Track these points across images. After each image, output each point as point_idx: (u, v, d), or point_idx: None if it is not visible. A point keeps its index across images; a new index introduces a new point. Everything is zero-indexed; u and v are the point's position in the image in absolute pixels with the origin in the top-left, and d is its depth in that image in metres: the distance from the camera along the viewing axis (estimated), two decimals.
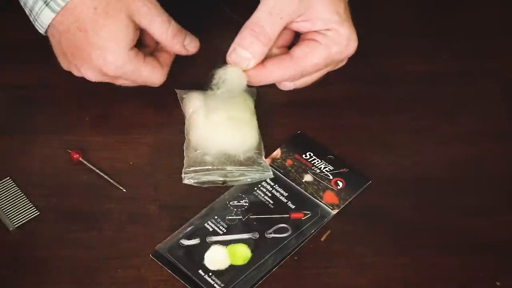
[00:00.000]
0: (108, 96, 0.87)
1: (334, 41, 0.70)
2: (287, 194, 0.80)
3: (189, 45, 0.82)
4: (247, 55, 0.70)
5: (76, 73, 0.82)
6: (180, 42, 0.81)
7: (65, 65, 0.83)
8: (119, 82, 0.82)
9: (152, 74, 0.81)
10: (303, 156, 0.83)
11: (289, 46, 0.77)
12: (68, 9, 0.76)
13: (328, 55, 0.71)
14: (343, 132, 0.86)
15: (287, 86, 0.76)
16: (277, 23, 0.69)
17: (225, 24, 0.92)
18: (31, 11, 0.78)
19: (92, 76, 0.80)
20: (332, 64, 0.74)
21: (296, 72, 0.71)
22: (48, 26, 0.79)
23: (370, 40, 0.92)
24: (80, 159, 0.81)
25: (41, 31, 0.80)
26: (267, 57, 0.72)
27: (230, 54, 0.71)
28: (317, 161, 0.83)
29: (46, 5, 0.76)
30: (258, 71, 0.71)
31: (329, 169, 0.82)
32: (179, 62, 0.86)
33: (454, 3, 1.00)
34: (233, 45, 0.71)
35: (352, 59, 0.80)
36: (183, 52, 0.82)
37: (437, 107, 0.89)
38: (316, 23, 0.70)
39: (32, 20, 0.80)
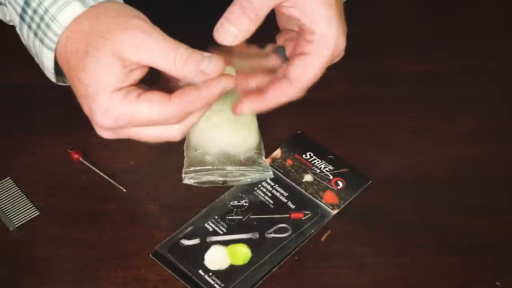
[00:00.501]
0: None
1: (322, 45, 0.69)
2: (287, 194, 0.80)
3: (208, 68, 0.65)
4: (234, 30, 0.68)
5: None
6: (194, 70, 0.65)
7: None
8: (132, 135, 0.69)
9: (151, 111, 0.65)
10: (303, 156, 0.83)
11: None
12: (59, 53, 0.68)
13: (321, 63, 0.70)
14: (343, 132, 0.86)
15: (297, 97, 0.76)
16: (265, 1, 0.68)
17: None
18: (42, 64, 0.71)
19: (100, 132, 0.69)
20: (329, 64, 0.73)
21: (297, 93, 0.71)
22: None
23: (370, 40, 0.92)
24: (80, 159, 0.81)
25: (53, 80, 0.73)
26: (267, 85, 0.72)
27: (218, 29, 0.68)
28: (317, 161, 0.83)
29: (43, 43, 0.68)
30: (258, 101, 0.71)
31: (329, 169, 0.82)
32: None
33: (454, 3, 1.00)
34: (221, 20, 0.68)
35: (352, 59, 0.80)
36: (200, 79, 0.66)
37: (437, 107, 0.89)
38: (304, 11, 0.68)
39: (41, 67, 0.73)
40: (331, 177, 0.82)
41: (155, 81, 0.68)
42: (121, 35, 0.64)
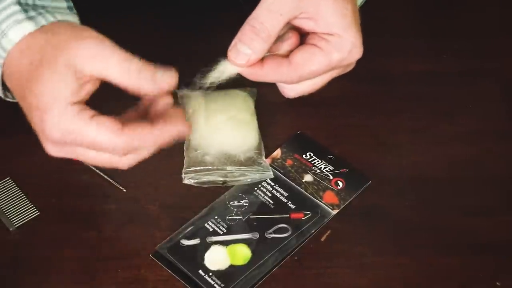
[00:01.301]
0: (108, 95, 0.87)
1: (335, 47, 0.69)
2: (287, 194, 0.80)
3: (162, 79, 0.65)
4: (247, 50, 0.68)
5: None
6: (149, 78, 0.64)
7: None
8: (78, 155, 0.67)
9: (100, 135, 0.63)
10: (303, 156, 0.83)
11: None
12: (8, 67, 0.66)
13: (328, 62, 0.70)
14: (343, 132, 0.86)
15: (288, 94, 0.75)
16: (277, 19, 0.68)
17: (225, 24, 0.92)
18: None
19: (48, 148, 0.67)
20: (337, 70, 0.73)
21: (292, 78, 0.70)
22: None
23: (370, 40, 0.92)
24: None
25: (1, 95, 0.71)
26: (267, 56, 0.72)
27: (231, 49, 0.70)
28: (317, 161, 0.83)
29: None
30: (255, 70, 0.71)
31: (329, 169, 0.82)
32: (179, 63, 0.86)
33: (454, 3, 1.00)
34: (234, 41, 0.70)
35: None
36: (155, 90, 0.65)
37: (437, 107, 0.89)
38: (319, 23, 0.69)
39: None
40: (331, 177, 0.82)
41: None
42: (76, 46, 0.63)
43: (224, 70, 0.71)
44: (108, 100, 0.67)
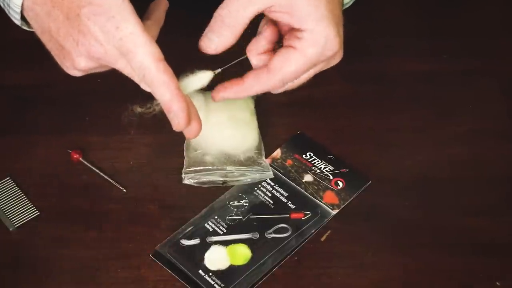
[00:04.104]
0: (108, 96, 0.87)
1: (308, 43, 0.69)
2: (287, 194, 0.80)
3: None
4: (215, 38, 0.70)
5: (72, 62, 0.69)
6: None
7: (59, 58, 0.70)
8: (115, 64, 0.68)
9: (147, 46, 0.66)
10: (303, 156, 0.83)
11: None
12: None
13: (305, 59, 0.70)
14: (343, 132, 0.86)
15: (276, 90, 0.75)
16: (245, 8, 0.68)
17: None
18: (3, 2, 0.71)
19: (78, 62, 0.68)
20: (320, 65, 0.72)
21: (275, 83, 0.71)
22: (23, 7, 0.70)
23: (370, 40, 0.92)
24: (80, 159, 0.81)
25: (17, 18, 0.72)
26: (247, 72, 0.72)
27: (202, 38, 0.71)
28: (317, 161, 0.83)
29: None
30: (237, 87, 0.72)
31: (329, 169, 0.82)
32: (179, 63, 0.86)
33: (454, 3, 1.00)
34: (205, 31, 0.71)
35: (352, 59, 0.80)
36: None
37: (437, 107, 0.89)
38: (293, 15, 0.68)
39: (6, 10, 0.72)
40: (331, 177, 0.82)
41: None
42: None
43: (189, 85, 0.72)
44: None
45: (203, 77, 0.72)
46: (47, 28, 0.69)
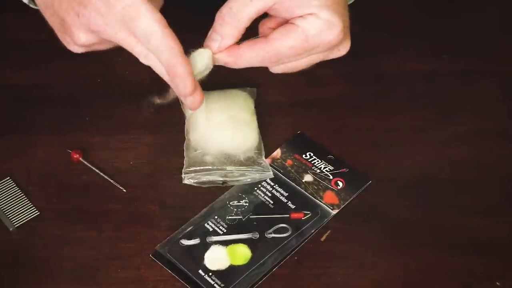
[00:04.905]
0: (108, 96, 0.87)
1: (312, 25, 0.69)
2: (287, 194, 0.80)
3: None
4: (217, 37, 0.70)
5: (72, 36, 0.69)
6: None
7: (61, 33, 0.71)
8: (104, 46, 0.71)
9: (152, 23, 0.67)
10: (303, 156, 0.83)
11: None
12: None
13: (305, 38, 0.69)
14: (343, 132, 0.86)
15: (274, 69, 0.75)
16: (247, 5, 0.68)
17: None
18: None
19: (77, 36, 0.68)
20: (320, 54, 0.72)
21: (270, 54, 0.70)
22: None
23: (370, 40, 0.92)
24: (80, 159, 0.81)
25: None
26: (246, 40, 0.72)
27: (207, 37, 0.71)
28: (317, 161, 0.83)
29: None
30: (231, 52, 0.71)
31: (329, 169, 0.82)
32: None
33: (454, 3, 1.00)
34: (209, 31, 0.71)
35: (351, 59, 0.80)
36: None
37: (437, 107, 0.89)
38: (294, 10, 0.69)
39: None
40: (331, 177, 0.82)
41: None
42: None
43: (198, 61, 0.71)
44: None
45: (202, 57, 0.71)
46: (50, 2, 0.70)
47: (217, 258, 0.75)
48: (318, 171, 0.82)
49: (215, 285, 0.73)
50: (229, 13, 0.69)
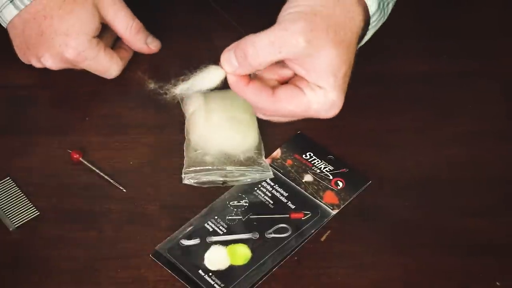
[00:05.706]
0: (108, 96, 0.87)
1: (318, 100, 0.71)
2: (287, 194, 0.80)
3: (151, 44, 0.88)
4: (235, 63, 0.71)
5: (35, 63, 0.86)
6: (142, 39, 0.87)
7: (24, 57, 0.86)
8: (79, 67, 0.85)
9: (110, 64, 0.85)
10: (303, 156, 0.83)
11: None
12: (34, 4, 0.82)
13: (306, 108, 0.72)
14: (343, 132, 0.86)
15: (259, 115, 0.77)
16: (273, 54, 0.69)
17: (222, 25, 0.92)
18: None
19: (53, 64, 0.84)
20: (307, 116, 0.75)
21: (269, 108, 0.73)
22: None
23: (370, 40, 0.92)
24: (80, 159, 0.81)
25: (3, 24, 0.85)
26: (257, 79, 0.73)
27: (226, 52, 0.72)
28: (317, 161, 0.83)
29: (10, 1, 0.83)
30: (239, 84, 0.72)
31: (329, 169, 0.82)
32: (178, 63, 0.86)
33: (454, 4, 1.00)
34: (232, 46, 0.71)
35: None
36: (144, 49, 0.89)
37: (437, 108, 0.89)
38: (310, 74, 0.71)
39: None
40: (331, 177, 0.82)
41: None
42: None
43: (212, 75, 0.72)
44: None
45: (215, 75, 0.72)
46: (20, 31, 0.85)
47: (217, 258, 0.75)
48: (318, 171, 0.82)
49: (215, 285, 0.73)
50: (254, 55, 0.70)
